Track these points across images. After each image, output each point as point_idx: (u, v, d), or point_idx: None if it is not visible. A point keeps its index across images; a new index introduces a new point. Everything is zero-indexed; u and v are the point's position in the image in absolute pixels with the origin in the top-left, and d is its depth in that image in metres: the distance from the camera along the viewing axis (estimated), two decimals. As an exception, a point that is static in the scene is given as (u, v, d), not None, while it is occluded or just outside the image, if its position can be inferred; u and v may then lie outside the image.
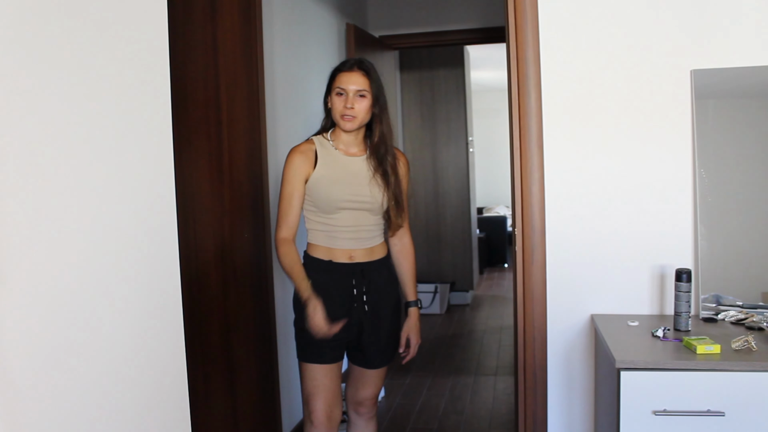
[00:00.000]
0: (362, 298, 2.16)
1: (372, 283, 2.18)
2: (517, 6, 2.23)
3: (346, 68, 2.12)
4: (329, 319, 2.07)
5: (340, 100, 2.09)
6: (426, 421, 3.46)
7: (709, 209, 2.16)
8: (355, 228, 2.14)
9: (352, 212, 2.12)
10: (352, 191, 2.11)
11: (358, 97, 2.09)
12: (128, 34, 1.25)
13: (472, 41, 4.87)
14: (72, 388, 1.08)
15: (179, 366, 1.40)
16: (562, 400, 2.31)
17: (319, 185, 2.11)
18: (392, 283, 2.27)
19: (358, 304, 2.16)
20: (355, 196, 2.11)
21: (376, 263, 2.20)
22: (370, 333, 2.19)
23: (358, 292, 2.15)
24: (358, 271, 2.15)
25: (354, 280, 2.15)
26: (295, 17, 3.38)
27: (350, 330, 2.15)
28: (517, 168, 2.27)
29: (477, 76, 8.03)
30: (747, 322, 2.01)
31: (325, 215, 2.13)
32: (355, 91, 2.08)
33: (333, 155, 2.15)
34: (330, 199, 2.10)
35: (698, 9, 2.14)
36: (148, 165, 1.32)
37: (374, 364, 2.26)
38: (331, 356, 2.16)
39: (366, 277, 2.17)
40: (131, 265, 1.25)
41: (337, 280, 2.15)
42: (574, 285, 2.26)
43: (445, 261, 6.31)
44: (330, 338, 2.08)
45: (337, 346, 2.16)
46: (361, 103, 2.09)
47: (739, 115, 2.20)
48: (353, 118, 2.08)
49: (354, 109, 2.07)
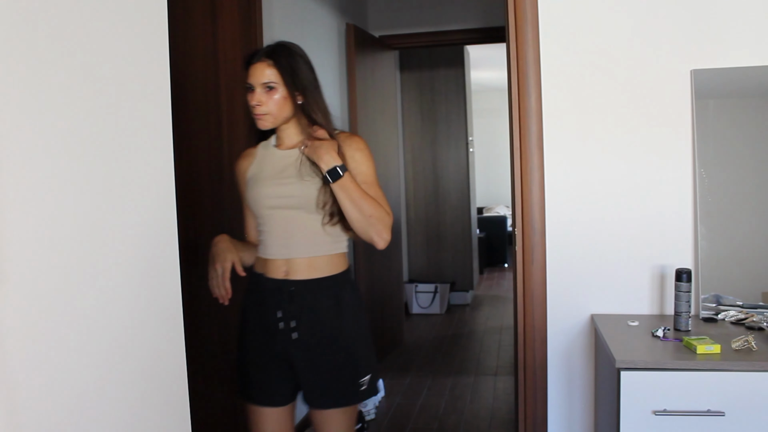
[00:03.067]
0: (290, 324, 1.81)
1: (306, 308, 1.81)
2: (517, 6, 2.23)
3: (254, 60, 1.82)
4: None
5: (249, 97, 1.81)
6: (426, 421, 3.46)
7: (709, 209, 2.16)
8: (288, 232, 1.82)
9: (282, 212, 1.82)
10: (277, 187, 1.82)
11: (266, 91, 1.79)
12: (128, 34, 1.25)
13: (472, 41, 4.88)
14: (72, 387, 1.08)
15: (179, 366, 1.40)
16: (562, 400, 2.31)
17: (248, 186, 1.89)
18: (344, 307, 1.84)
19: (285, 331, 1.81)
20: (279, 192, 1.82)
21: (318, 283, 1.82)
22: (307, 368, 1.83)
23: (285, 317, 1.81)
24: (287, 291, 1.81)
25: (281, 301, 1.81)
26: (295, 17, 3.38)
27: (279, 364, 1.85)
28: (517, 168, 2.27)
29: (477, 76, 8.03)
30: (747, 322, 2.01)
31: (260, 220, 1.87)
32: (262, 85, 1.79)
33: (269, 152, 1.90)
34: (253, 199, 1.85)
35: (698, 9, 2.14)
36: (148, 165, 1.32)
37: (315, 402, 1.85)
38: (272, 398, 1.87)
39: (296, 300, 1.81)
40: (131, 265, 1.25)
41: (263, 301, 1.85)
42: (574, 285, 2.26)
43: (445, 261, 6.31)
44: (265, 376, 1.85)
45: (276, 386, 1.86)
46: (270, 97, 1.79)
47: (739, 115, 2.20)
48: (264, 116, 1.80)
49: (262, 105, 1.79)
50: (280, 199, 1.82)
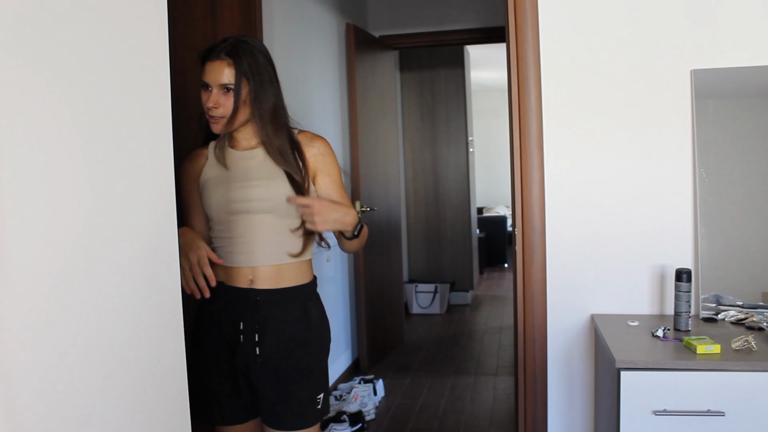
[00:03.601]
0: (253, 339, 1.69)
1: (272, 320, 1.70)
2: (517, 6, 2.23)
3: (212, 56, 1.67)
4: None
5: (204, 96, 1.68)
6: (426, 421, 3.46)
7: (709, 209, 2.16)
8: (253, 237, 1.70)
9: (249, 216, 1.70)
10: (245, 190, 1.70)
11: (224, 92, 1.66)
12: (128, 34, 1.25)
13: (472, 41, 4.88)
14: (71, 388, 1.08)
15: (179, 366, 1.40)
16: (562, 400, 2.31)
17: (206, 190, 1.74)
18: (310, 320, 1.74)
19: (246, 346, 1.69)
20: (249, 195, 1.70)
21: (284, 293, 1.71)
22: (267, 387, 1.71)
23: (246, 330, 1.69)
24: (252, 301, 1.69)
25: (244, 312, 1.69)
26: (295, 17, 3.38)
27: (237, 379, 1.72)
28: (517, 168, 2.27)
29: (477, 76, 8.03)
30: (747, 322, 2.01)
31: (219, 226, 1.73)
32: (219, 86, 1.66)
33: (225, 154, 1.76)
34: (214, 204, 1.72)
35: (698, 9, 2.14)
36: (148, 165, 1.32)
37: (279, 422, 1.72)
38: (233, 416, 1.75)
39: (262, 311, 1.69)
40: (131, 265, 1.25)
41: (223, 311, 1.72)
42: (574, 285, 2.26)
43: (445, 261, 6.31)
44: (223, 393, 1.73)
45: (235, 403, 1.74)
46: (228, 100, 1.66)
47: (739, 115, 2.20)
48: (220, 119, 1.68)
49: (219, 108, 1.67)
50: (247, 203, 1.70)
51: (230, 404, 1.74)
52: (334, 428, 3.08)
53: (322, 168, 1.77)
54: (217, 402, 1.74)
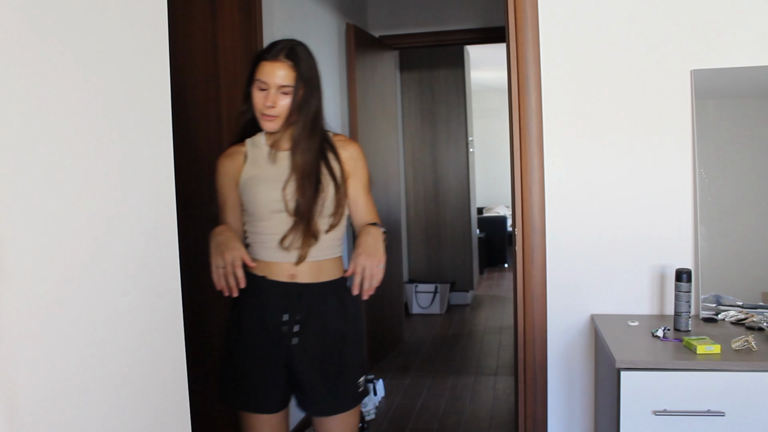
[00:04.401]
0: (292, 329, 1.78)
1: (314, 310, 1.79)
2: (517, 6, 2.23)
3: (271, 57, 1.73)
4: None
5: (260, 96, 1.74)
6: (426, 421, 3.46)
7: (709, 209, 2.16)
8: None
9: (288, 215, 1.77)
10: (284, 190, 1.77)
11: (282, 93, 1.73)
12: (128, 34, 1.25)
13: (472, 41, 4.88)
14: (71, 387, 1.08)
15: (179, 366, 1.40)
16: (562, 400, 2.31)
17: (247, 188, 1.81)
18: (347, 310, 1.84)
19: (286, 335, 1.79)
20: (287, 195, 1.77)
21: (324, 287, 1.81)
22: (309, 374, 1.80)
23: (290, 321, 1.78)
24: (294, 294, 1.78)
25: (288, 305, 1.78)
26: (295, 17, 3.38)
27: (278, 369, 1.80)
28: (517, 168, 2.27)
29: (477, 76, 8.03)
30: (747, 322, 2.01)
31: (259, 222, 1.80)
32: (279, 86, 1.72)
33: (264, 152, 1.83)
34: (258, 202, 1.78)
35: (698, 9, 2.14)
36: (148, 165, 1.32)
37: (318, 410, 1.84)
38: (266, 405, 1.82)
39: (304, 303, 1.78)
40: (131, 265, 1.25)
41: (267, 304, 1.79)
42: (574, 285, 2.26)
43: (445, 261, 6.31)
44: (260, 383, 1.80)
45: (272, 392, 1.81)
46: (285, 100, 1.74)
47: (739, 115, 2.20)
48: (275, 118, 1.75)
49: (275, 108, 1.73)
50: (288, 202, 1.77)
51: (268, 394, 1.82)
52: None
53: (353, 171, 1.85)
54: (256, 391, 1.81)
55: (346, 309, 1.85)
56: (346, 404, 1.83)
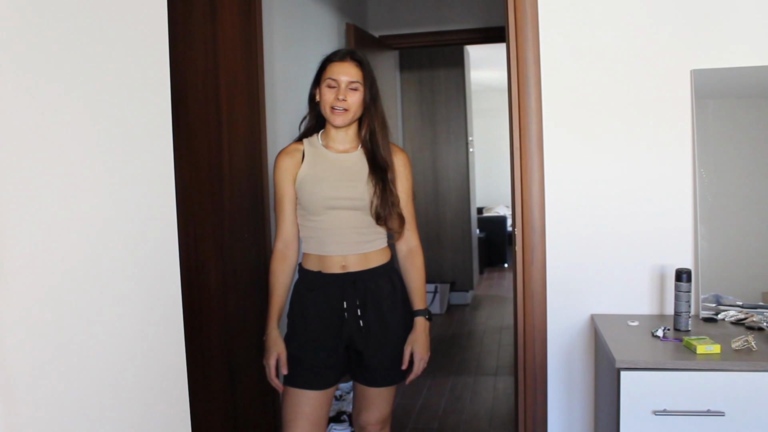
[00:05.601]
0: (356, 313, 1.96)
1: (369, 294, 1.97)
2: (517, 6, 2.23)
3: (338, 58, 1.94)
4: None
5: (331, 92, 1.92)
6: (426, 421, 3.46)
7: (709, 209, 2.16)
8: (345, 230, 1.96)
9: (342, 212, 1.95)
10: (339, 189, 1.95)
11: (350, 89, 1.92)
12: (128, 34, 1.25)
13: (472, 41, 4.88)
14: (72, 388, 1.08)
15: (179, 366, 1.40)
16: (562, 400, 2.32)
17: (304, 185, 1.96)
18: (397, 293, 2.03)
19: (350, 320, 1.96)
20: (342, 193, 1.94)
21: (374, 272, 1.99)
22: (371, 352, 1.99)
23: (350, 307, 1.96)
24: (349, 282, 1.96)
25: (345, 293, 1.96)
26: (295, 17, 3.38)
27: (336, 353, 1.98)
28: (517, 168, 2.27)
29: (477, 76, 8.03)
30: (747, 322, 2.01)
31: (313, 218, 1.97)
32: (348, 82, 1.91)
33: (321, 153, 2.00)
34: (314, 199, 1.94)
35: (698, 9, 2.14)
36: (148, 165, 1.32)
37: (376, 382, 2.04)
38: (319, 382, 1.97)
39: (360, 288, 1.96)
40: (131, 265, 1.25)
41: (327, 295, 1.97)
42: (574, 285, 2.26)
43: (445, 261, 6.31)
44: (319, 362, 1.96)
45: (326, 371, 1.98)
46: (353, 96, 1.92)
47: (739, 115, 2.20)
48: (345, 112, 1.92)
49: (346, 101, 1.91)
50: (341, 200, 1.94)
51: (322, 373, 1.98)
52: (334, 428, 3.08)
53: (400, 179, 2.03)
54: (311, 369, 1.96)
55: (395, 288, 2.03)
56: (398, 377, 2.04)
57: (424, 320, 2.04)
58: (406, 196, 2.05)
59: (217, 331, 2.49)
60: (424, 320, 2.04)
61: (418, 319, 2.04)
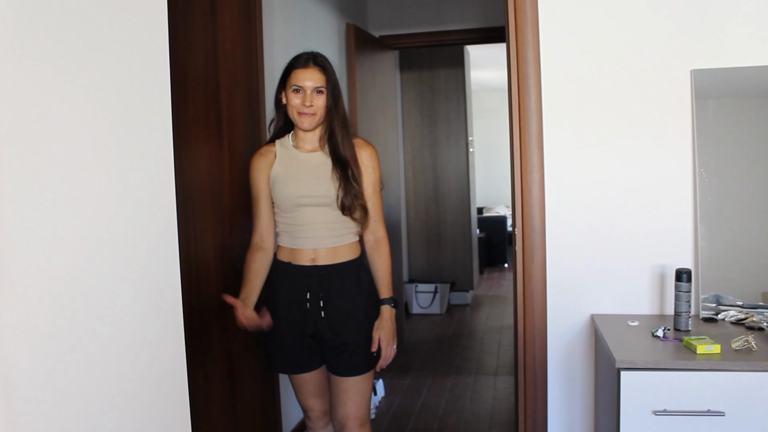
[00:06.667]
0: (318, 304, 2.08)
1: (333, 287, 2.08)
2: (517, 6, 2.23)
3: (301, 64, 2.05)
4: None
5: (297, 97, 2.03)
6: (426, 421, 3.46)
7: (709, 209, 2.16)
8: (314, 225, 2.08)
9: (311, 209, 2.07)
10: (307, 187, 2.07)
11: (316, 93, 2.03)
12: (128, 34, 1.25)
13: (472, 41, 4.87)
14: (72, 388, 1.08)
15: (179, 366, 1.40)
16: (562, 400, 2.31)
17: (275, 184, 2.10)
18: (363, 286, 2.12)
19: (312, 310, 2.08)
20: (310, 191, 2.06)
21: (341, 266, 2.10)
22: (335, 341, 2.08)
23: (313, 297, 2.08)
24: (315, 275, 2.08)
25: (310, 284, 2.08)
26: (295, 17, 3.38)
27: (304, 338, 2.11)
28: (517, 168, 2.27)
29: (477, 76, 8.03)
30: (747, 322, 2.01)
31: (285, 214, 2.10)
32: (313, 87, 2.02)
33: (291, 153, 2.12)
34: (285, 197, 2.07)
35: (698, 9, 2.14)
36: (148, 165, 1.32)
37: (346, 371, 2.10)
38: (296, 367, 2.16)
39: (324, 282, 2.08)
40: (131, 265, 1.25)
41: (293, 284, 2.10)
42: (574, 285, 2.26)
43: (445, 261, 6.31)
44: (291, 348, 2.12)
45: (299, 356, 2.14)
46: (319, 100, 2.03)
47: (739, 115, 2.20)
48: (312, 116, 2.03)
49: (313, 106, 2.02)
50: (309, 197, 2.05)
51: (300, 356, 2.13)
52: (334, 428, 3.08)
53: (366, 171, 2.13)
54: (289, 355, 2.13)
55: (361, 283, 2.11)
56: (363, 367, 2.10)
57: (389, 308, 2.12)
58: (372, 188, 2.15)
59: (217, 331, 2.49)
60: (389, 308, 2.12)
61: (383, 307, 2.13)
